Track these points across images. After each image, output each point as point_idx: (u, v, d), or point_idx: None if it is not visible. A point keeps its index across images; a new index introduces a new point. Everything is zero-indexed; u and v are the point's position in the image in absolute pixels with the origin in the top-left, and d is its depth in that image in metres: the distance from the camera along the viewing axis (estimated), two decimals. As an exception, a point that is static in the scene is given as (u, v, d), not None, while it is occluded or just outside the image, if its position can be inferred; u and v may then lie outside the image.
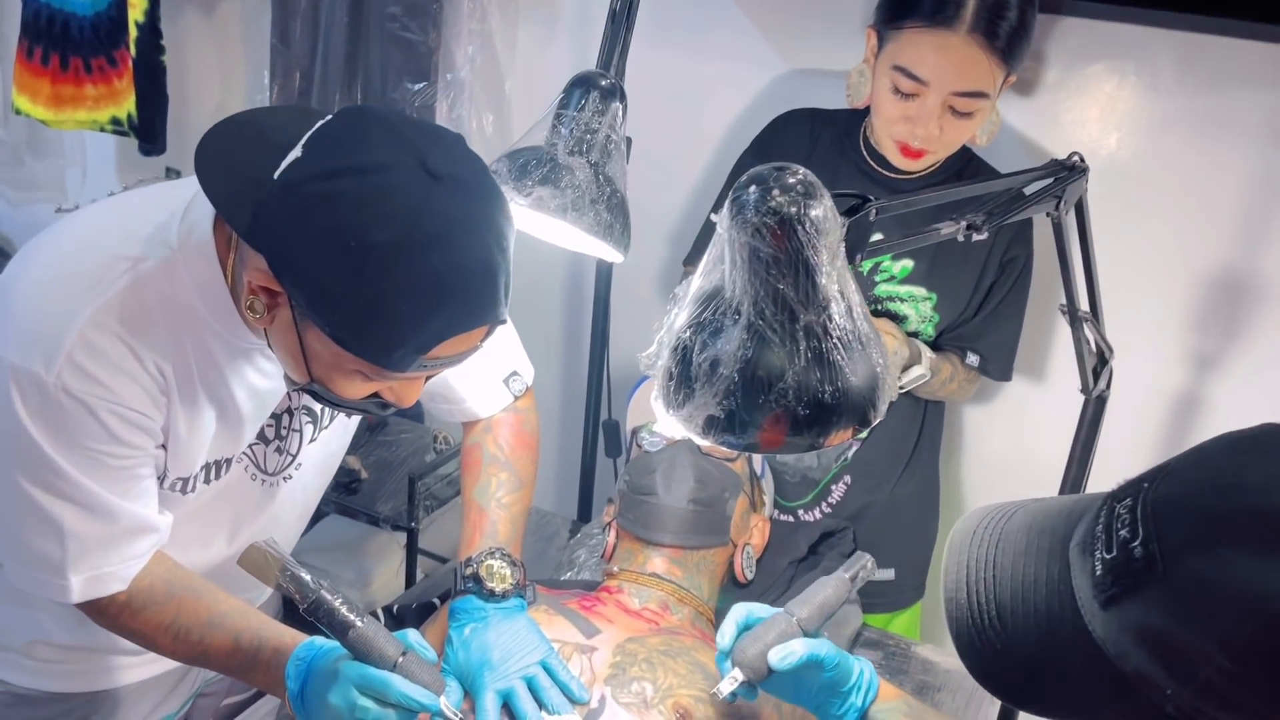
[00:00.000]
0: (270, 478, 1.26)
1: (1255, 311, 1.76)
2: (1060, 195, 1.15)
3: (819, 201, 0.82)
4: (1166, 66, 1.71)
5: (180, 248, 1.04)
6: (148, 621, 1.13)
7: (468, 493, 1.34)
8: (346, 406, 1.08)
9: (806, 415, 0.83)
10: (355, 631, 1.05)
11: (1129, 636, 0.63)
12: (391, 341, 0.94)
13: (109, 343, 1.02)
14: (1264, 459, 0.66)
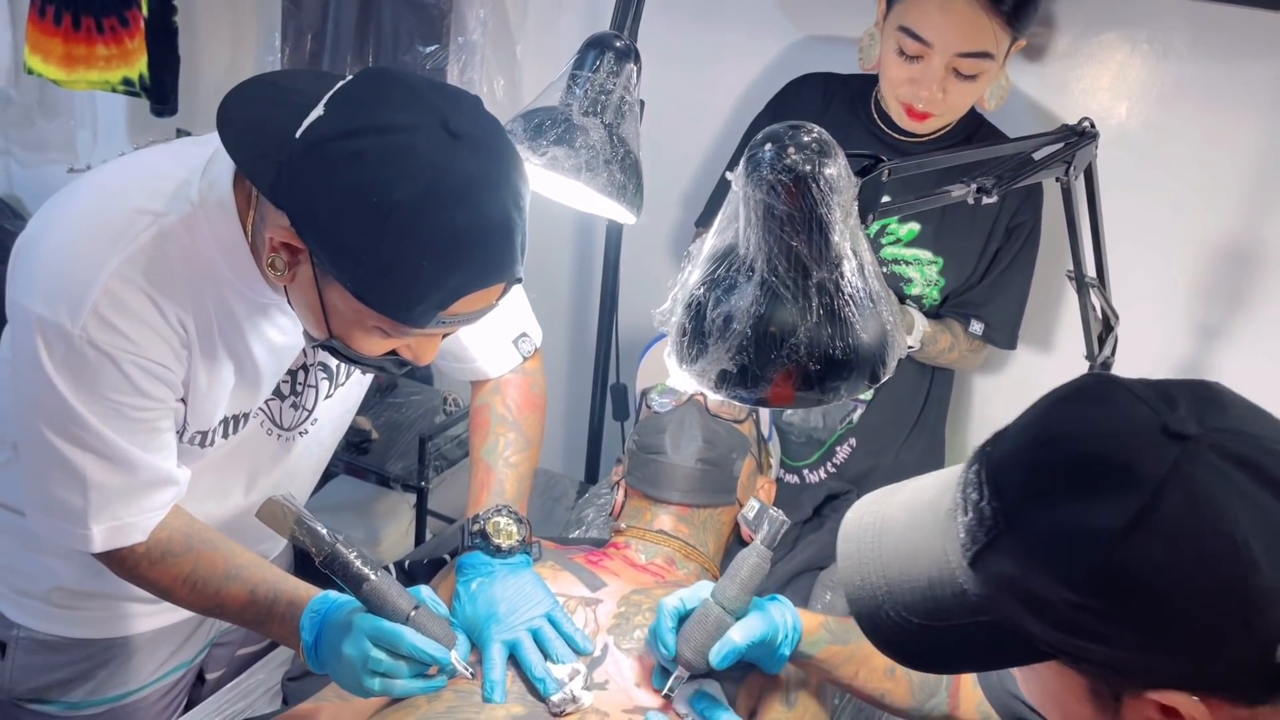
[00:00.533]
0: (286, 432, 1.28)
1: (1262, 281, 1.77)
2: (1070, 160, 1.16)
3: (833, 160, 0.83)
4: (1178, 35, 1.71)
5: (201, 204, 1.06)
6: (165, 573, 1.15)
7: (475, 452, 1.37)
8: (364, 363, 1.09)
9: (818, 371, 0.85)
10: (369, 584, 1.07)
11: (994, 588, 0.69)
12: (412, 298, 0.96)
13: (133, 296, 1.04)
14: (1083, 407, 0.71)
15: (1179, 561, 0.63)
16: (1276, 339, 1.77)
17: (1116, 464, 0.66)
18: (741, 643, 1.11)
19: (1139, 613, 0.64)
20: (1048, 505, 0.67)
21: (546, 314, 2.37)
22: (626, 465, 1.48)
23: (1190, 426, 0.66)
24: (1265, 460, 0.65)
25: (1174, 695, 0.66)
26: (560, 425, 2.37)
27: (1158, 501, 0.64)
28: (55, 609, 1.32)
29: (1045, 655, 0.69)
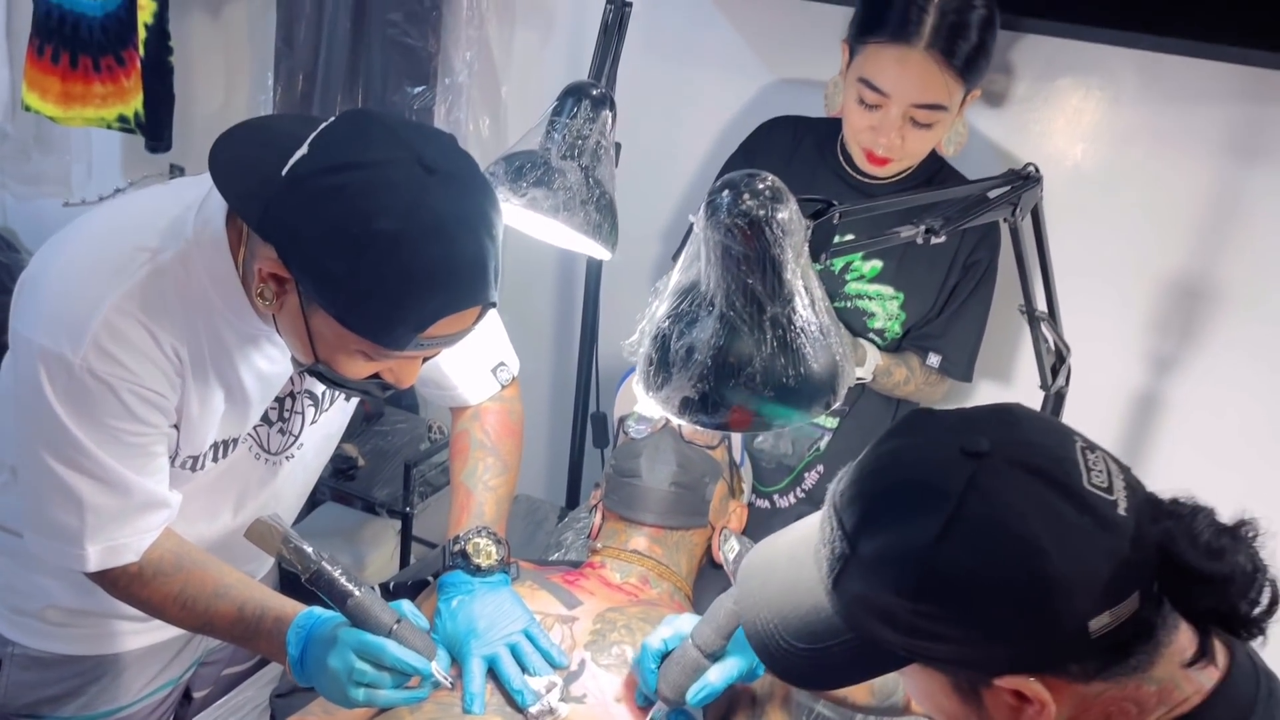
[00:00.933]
0: (273, 456, 1.34)
1: (1212, 315, 1.85)
2: (1016, 202, 1.24)
3: (785, 205, 0.91)
4: (1128, 82, 1.81)
5: (195, 240, 1.12)
6: (157, 591, 1.21)
7: (456, 476, 1.43)
8: (349, 387, 1.15)
9: (773, 397, 0.92)
10: (354, 600, 1.13)
11: (852, 608, 0.79)
12: (391, 321, 1.02)
13: (131, 327, 1.10)
14: (898, 440, 0.81)
15: (983, 561, 0.73)
16: (1225, 370, 1.86)
17: (924, 485, 0.76)
18: (718, 683, 1.18)
19: (960, 610, 0.73)
20: (877, 529, 0.77)
21: (530, 345, 2.45)
22: (604, 489, 1.54)
23: (983, 445, 0.75)
24: (1050, 466, 0.74)
25: (1016, 680, 0.74)
26: (542, 452, 2.43)
27: (960, 512, 0.73)
28: (49, 626, 1.36)
29: (904, 660, 0.78)
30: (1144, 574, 0.73)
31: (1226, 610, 0.73)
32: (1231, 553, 0.72)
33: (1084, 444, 0.77)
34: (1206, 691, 0.79)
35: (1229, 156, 1.77)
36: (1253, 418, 1.86)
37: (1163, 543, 0.73)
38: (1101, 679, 0.76)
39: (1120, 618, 0.72)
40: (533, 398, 2.46)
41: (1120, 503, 0.73)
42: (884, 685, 1.31)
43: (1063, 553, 0.71)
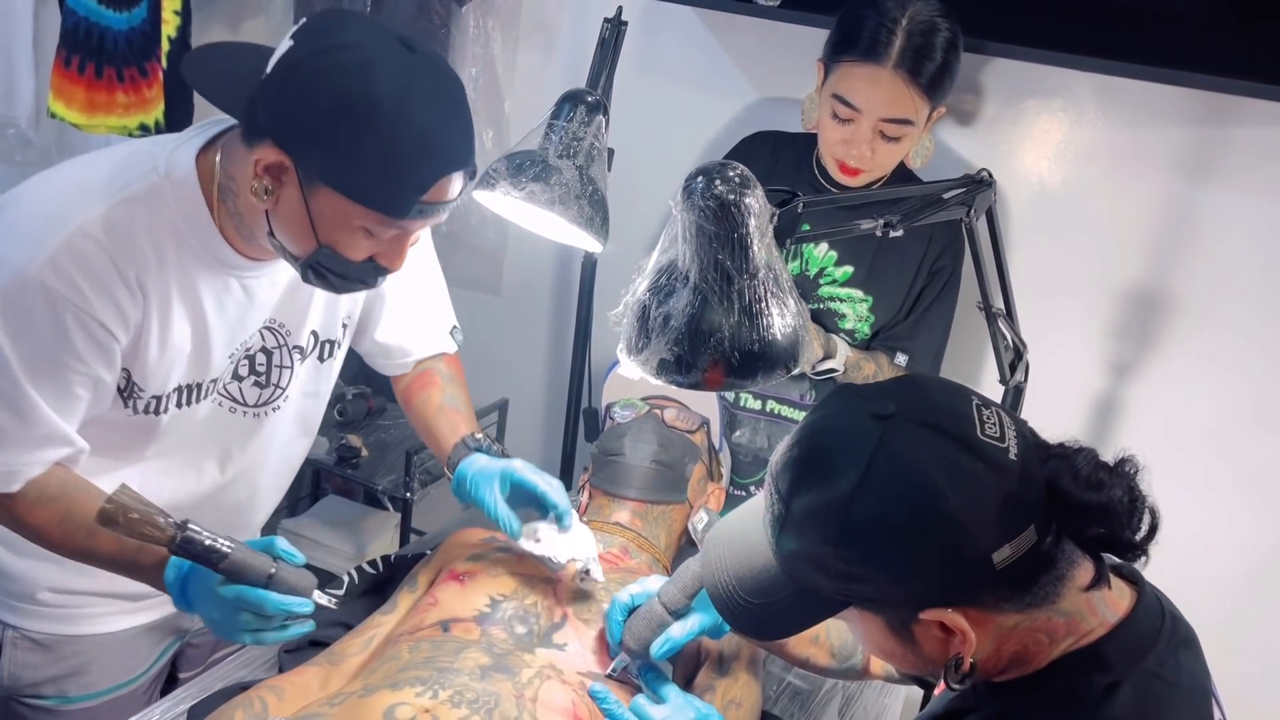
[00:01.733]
0: (255, 409, 1.40)
1: (1166, 323, 1.97)
2: (970, 204, 1.37)
3: (752, 191, 1.03)
4: (1089, 104, 1.94)
5: (167, 174, 1.18)
6: (40, 515, 1.23)
7: (433, 402, 1.55)
8: (348, 278, 1.20)
9: (739, 360, 1.04)
10: (227, 561, 1.18)
11: (792, 560, 0.90)
12: (395, 186, 1.10)
13: (93, 252, 1.14)
14: (821, 411, 0.92)
15: (892, 508, 0.83)
16: (1179, 374, 1.97)
17: (841, 448, 0.87)
18: (680, 638, 1.28)
19: (877, 552, 0.84)
20: (805, 489, 0.87)
21: (527, 344, 2.58)
22: (591, 469, 1.66)
23: (890, 408, 0.86)
24: (947, 422, 0.85)
25: (938, 613, 0.85)
26: (538, 446, 2.55)
27: (871, 466, 0.84)
28: (45, 609, 1.42)
29: (841, 604, 0.89)
30: (1036, 509, 0.83)
31: (1111, 537, 0.83)
32: (1110, 485, 0.83)
33: (980, 401, 0.88)
34: (1111, 625, 0.89)
35: (1181, 174, 1.89)
36: (1207, 419, 1.97)
37: (1049, 479, 0.84)
38: (1014, 610, 0.86)
39: (1020, 549, 0.82)
40: (528, 394, 2.59)
41: (1011, 449, 0.84)
42: (843, 648, 1.42)
43: (960, 494, 0.82)
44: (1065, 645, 0.89)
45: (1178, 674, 0.89)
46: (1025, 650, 0.89)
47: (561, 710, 1.24)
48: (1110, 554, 0.86)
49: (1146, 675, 0.87)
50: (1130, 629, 0.90)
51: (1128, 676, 0.86)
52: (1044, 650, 0.89)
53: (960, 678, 0.88)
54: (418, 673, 1.23)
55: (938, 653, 0.89)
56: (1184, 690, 0.89)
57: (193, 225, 1.20)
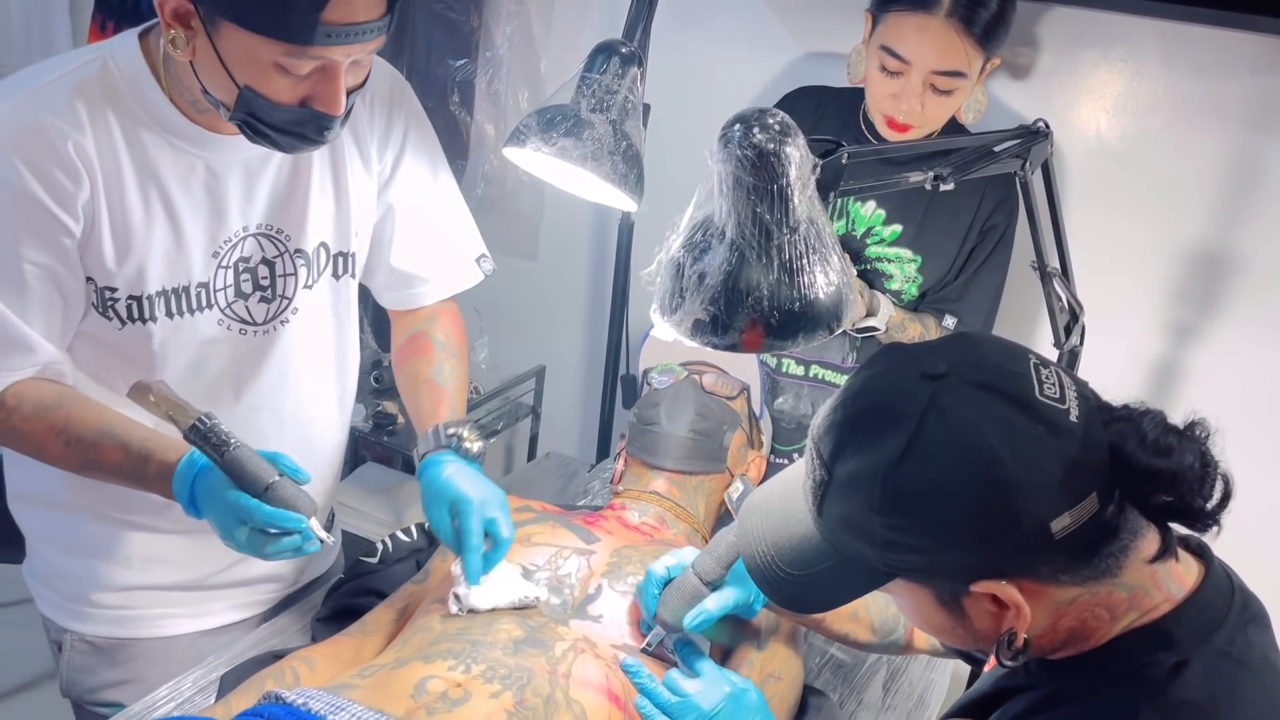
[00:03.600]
0: (261, 326, 1.35)
1: (1230, 285, 1.89)
2: (1025, 156, 1.29)
3: (793, 140, 0.97)
4: (1151, 53, 1.85)
5: (110, 53, 1.16)
6: (38, 426, 1.20)
7: (420, 372, 1.46)
8: (285, 126, 1.14)
9: (779, 320, 0.99)
10: (229, 454, 1.15)
11: (835, 530, 0.84)
12: (287, 5, 1.04)
13: (25, 127, 1.11)
14: (866, 372, 0.86)
15: (943, 472, 0.77)
16: (1243, 340, 1.89)
17: (889, 409, 0.81)
18: (714, 610, 1.23)
19: (927, 520, 0.78)
20: (849, 454, 0.82)
21: (564, 311, 2.53)
22: (628, 436, 1.61)
23: (941, 367, 0.80)
24: (1001, 381, 0.79)
25: (991, 585, 0.79)
26: (576, 412, 2.51)
27: (922, 429, 0.78)
28: (101, 610, 1.42)
29: (886, 576, 0.84)
30: (1098, 475, 0.77)
31: (1180, 505, 0.77)
32: (1179, 451, 0.76)
33: (1037, 361, 0.82)
34: (1177, 600, 0.83)
35: (1249, 127, 1.80)
36: (1274, 386, 1.88)
37: (1114, 444, 0.78)
38: (1072, 583, 0.81)
39: (1081, 518, 0.77)
40: (566, 360, 2.55)
41: (1072, 411, 0.78)
42: (884, 623, 1.36)
43: (1017, 458, 0.76)
44: (1127, 621, 0.83)
45: (1248, 653, 0.83)
46: (1084, 626, 0.83)
47: (595, 686, 1.20)
48: (1179, 524, 0.80)
49: (1215, 654, 0.81)
50: (1198, 605, 0.84)
51: (1196, 655, 0.81)
52: (1104, 626, 0.83)
53: (1013, 654, 0.83)
54: (450, 645, 1.20)
55: (989, 627, 0.84)
56: (1255, 670, 0.83)
57: (139, 97, 1.16)
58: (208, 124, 1.21)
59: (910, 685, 1.56)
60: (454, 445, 1.36)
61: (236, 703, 1.20)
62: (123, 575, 1.41)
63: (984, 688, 0.94)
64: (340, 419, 1.54)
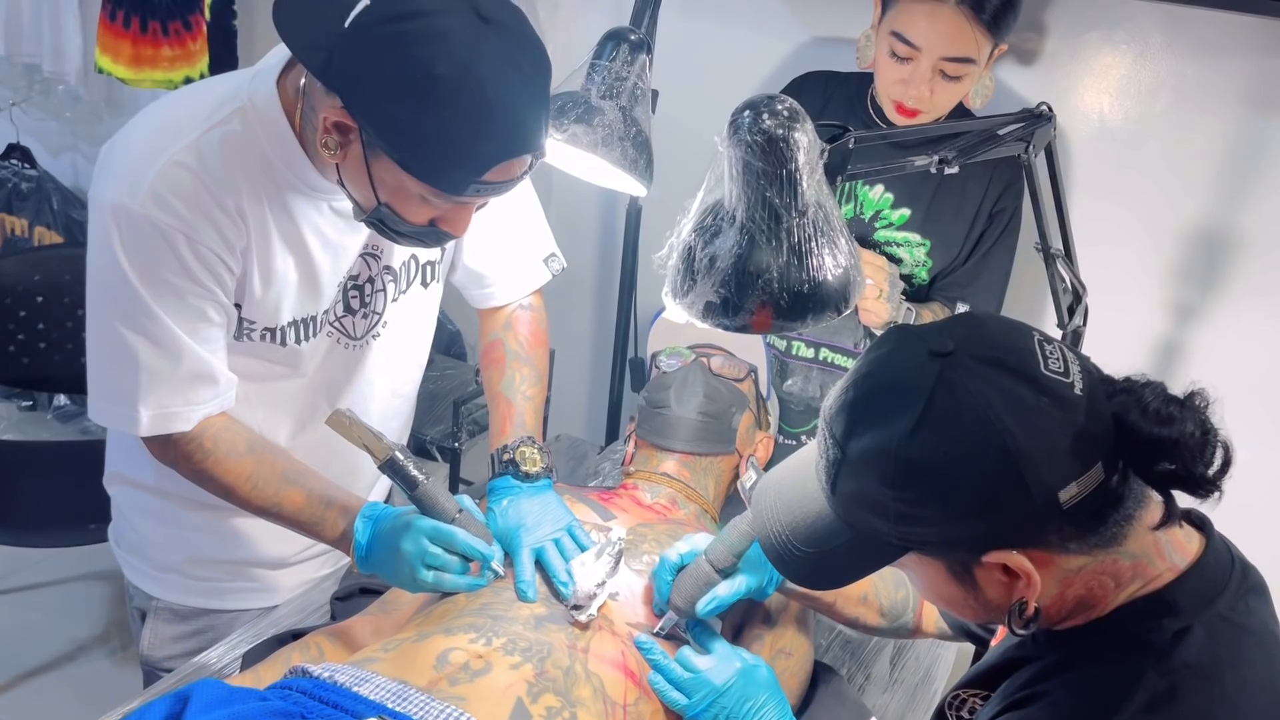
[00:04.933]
0: (358, 340, 1.43)
1: (1231, 264, 1.90)
2: (1028, 139, 1.31)
3: (801, 125, 0.99)
4: (1154, 35, 1.86)
5: (250, 102, 1.20)
6: (229, 471, 1.29)
7: (494, 386, 1.50)
8: (407, 234, 1.20)
9: (788, 302, 1.01)
10: (422, 487, 1.23)
11: (849, 506, 0.87)
12: (449, 165, 1.08)
13: (187, 180, 1.17)
14: (875, 352, 0.88)
15: (954, 445, 0.80)
16: (1246, 319, 1.91)
17: (899, 386, 0.83)
18: (726, 596, 1.25)
19: (939, 492, 0.81)
20: (861, 431, 0.84)
21: (573, 295, 2.56)
22: (637, 419, 1.64)
23: (948, 345, 0.82)
24: (1008, 356, 0.82)
25: (1002, 554, 0.82)
26: (584, 396, 2.54)
27: (931, 404, 0.80)
28: (189, 580, 1.50)
29: (900, 549, 0.86)
30: (1103, 445, 0.80)
31: (1182, 473, 0.80)
32: (1180, 420, 0.79)
33: (1041, 337, 0.84)
34: (1180, 569, 0.86)
35: (1251, 108, 1.81)
36: (1274, 364, 1.90)
37: (1117, 414, 0.80)
38: (1080, 552, 0.83)
39: (1087, 487, 0.79)
40: (575, 344, 2.58)
41: (1076, 384, 0.81)
42: (893, 606, 1.39)
43: (1025, 430, 0.78)
44: (1131, 590, 0.86)
45: (1249, 618, 0.86)
46: (1090, 594, 0.86)
47: (611, 661, 1.23)
48: (1182, 490, 0.82)
49: (1217, 619, 0.84)
50: (1199, 574, 0.87)
51: (1198, 620, 0.83)
52: (1109, 595, 0.86)
53: (1024, 623, 0.86)
54: (472, 619, 1.23)
55: (1001, 597, 0.86)
56: (1255, 635, 0.86)
57: (278, 149, 1.21)
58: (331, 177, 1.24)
59: (917, 660, 1.59)
60: (512, 471, 1.39)
61: (265, 673, 1.24)
62: (212, 549, 1.49)
63: (993, 659, 0.97)
64: (410, 419, 1.63)
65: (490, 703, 1.11)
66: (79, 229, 3.20)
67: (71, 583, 2.83)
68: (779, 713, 1.22)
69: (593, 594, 1.27)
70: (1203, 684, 0.81)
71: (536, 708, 1.13)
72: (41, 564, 2.83)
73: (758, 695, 1.22)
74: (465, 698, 1.11)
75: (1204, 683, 0.81)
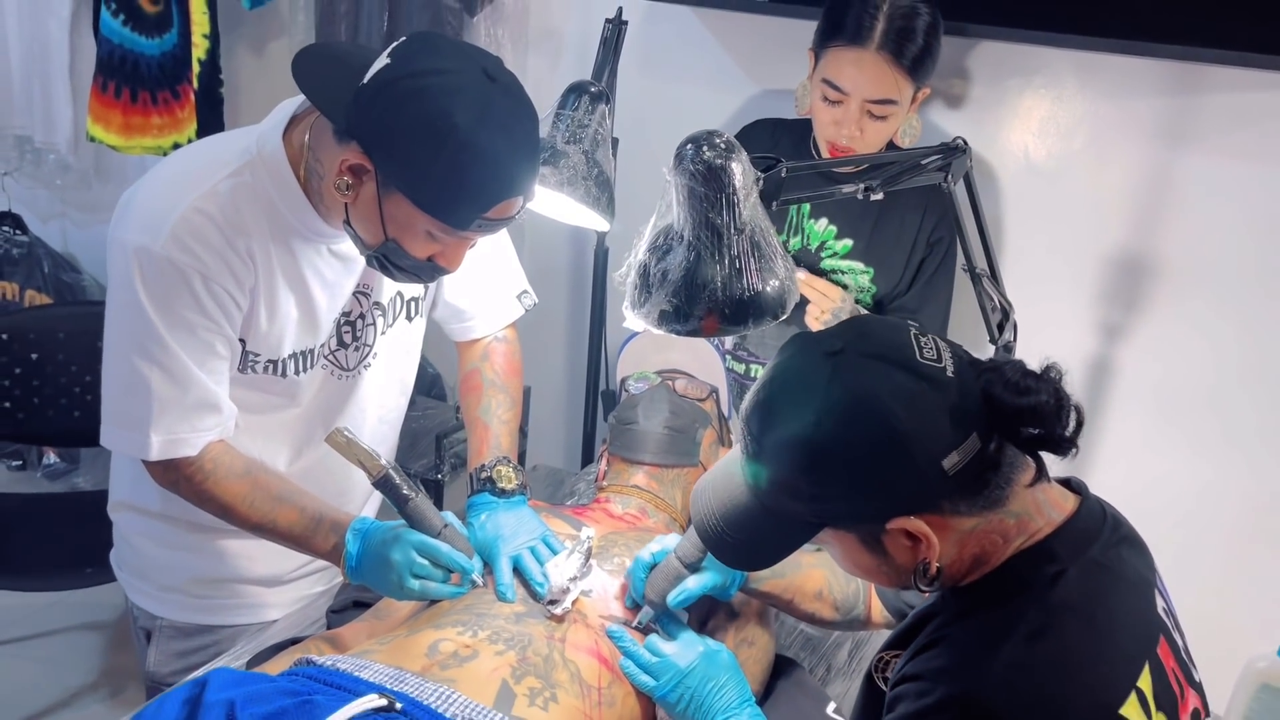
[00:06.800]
0: (350, 371, 1.55)
1: (1151, 286, 2.07)
2: (946, 169, 1.47)
3: (736, 156, 1.14)
4: (1069, 80, 2.04)
5: (259, 155, 1.33)
6: (227, 491, 1.40)
7: (472, 411, 1.64)
8: (407, 269, 1.33)
9: (731, 309, 1.15)
10: (413, 503, 1.35)
11: (769, 493, 0.99)
12: (459, 202, 1.23)
13: (205, 225, 1.30)
14: (779, 358, 1.01)
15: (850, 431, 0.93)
16: (1167, 337, 2.07)
17: (800, 384, 0.97)
18: (695, 589, 1.38)
19: (841, 472, 0.94)
20: (773, 427, 0.97)
21: (548, 333, 2.70)
22: (609, 438, 1.77)
23: (838, 345, 0.96)
24: (889, 351, 0.95)
25: (902, 520, 0.94)
26: (561, 426, 2.67)
27: (828, 398, 0.93)
28: (192, 599, 1.59)
29: (817, 526, 0.99)
30: (976, 418, 0.92)
31: (1045, 435, 0.92)
32: (1037, 390, 0.92)
33: (917, 331, 0.97)
34: (1057, 524, 0.99)
35: (1159, 142, 1.99)
36: (1194, 376, 2.06)
37: (984, 389, 0.93)
38: (969, 513, 0.96)
39: (967, 455, 0.92)
40: (550, 378, 2.72)
41: (948, 368, 0.94)
42: (845, 600, 1.51)
43: (907, 411, 0.91)
44: (1018, 544, 0.98)
45: (1120, 564, 0.98)
46: (984, 551, 0.98)
47: (586, 649, 1.35)
48: (1046, 450, 0.95)
49: (1090, 563, 0.97)
50: (1074, 526, 0.99)
51: (1073, 565, 0.96)
52: (999, 550, 0.98)
53: (929, 581, 0.98)
54: (459, 616, 1.35)
55: (907, 560, 0.98)
56: (1126, 579, 0.98)
57: (285, 197, 1.34)
58: (335, 223, 1.38)
59: (874, 651, 1.71)
60: (489, 488, 1.52)
61: (271, 669, 1.35)
62: (213, 569, 1.59)
63: (909, 622, 1.09)
64: (394, 446, 1.75)
65: (478, 684, 1.23)
66: (69, 292, 3.32)
67: (63, 633, 2.90)
68: (739, 692, 1.34)
69: (566, 588, 1.39)
70: (1076, 617, 0.93)
71: (520, 688, 1.24)
72: (34, 616, 2.90)
73: (719, 676, 1.34)
74: (455, 680, 1.23)
75: (1077, 616, 0.93)
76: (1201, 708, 1.00)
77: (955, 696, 0.92)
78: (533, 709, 1.23)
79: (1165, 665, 0.96)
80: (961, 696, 0.92)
